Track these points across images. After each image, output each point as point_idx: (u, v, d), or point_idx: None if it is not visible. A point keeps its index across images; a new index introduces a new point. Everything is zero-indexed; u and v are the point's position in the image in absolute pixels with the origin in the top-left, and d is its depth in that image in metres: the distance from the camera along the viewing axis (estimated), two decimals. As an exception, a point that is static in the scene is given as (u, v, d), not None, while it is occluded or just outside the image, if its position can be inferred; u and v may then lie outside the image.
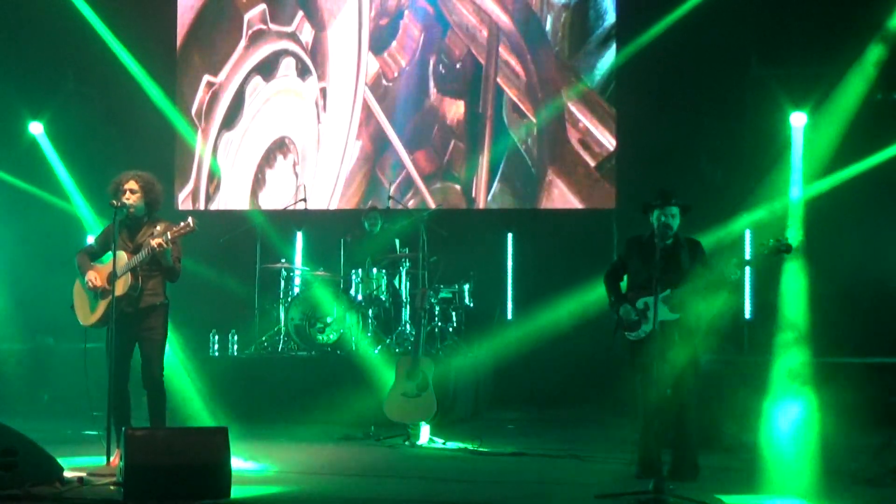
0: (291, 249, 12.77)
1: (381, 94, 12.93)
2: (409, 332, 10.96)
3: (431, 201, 12.60)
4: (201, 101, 13.28)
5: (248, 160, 13.18)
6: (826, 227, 11.15)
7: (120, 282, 7.63)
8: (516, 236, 12.80)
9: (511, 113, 12.67)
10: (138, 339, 7.83)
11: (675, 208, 7.54)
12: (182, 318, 8.28)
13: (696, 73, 11.89)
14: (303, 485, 7.44)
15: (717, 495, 7.02)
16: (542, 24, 12.63)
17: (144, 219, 7.87)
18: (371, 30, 12.90)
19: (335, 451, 9.01)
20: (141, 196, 7.82)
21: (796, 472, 7.94)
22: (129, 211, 7.77)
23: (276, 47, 13.13)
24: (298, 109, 13.08)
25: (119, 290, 7.63)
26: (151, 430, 7.23)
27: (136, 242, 7.78)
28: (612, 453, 8.61)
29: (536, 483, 7.63)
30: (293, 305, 11.07)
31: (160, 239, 7.53)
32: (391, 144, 12.91)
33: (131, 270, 7.66)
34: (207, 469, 6.60)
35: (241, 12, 13.22)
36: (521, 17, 12.67)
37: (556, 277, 12.09)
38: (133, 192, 7.79)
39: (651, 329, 7.42)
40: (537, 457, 8.67)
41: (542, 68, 12.62)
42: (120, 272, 7.62)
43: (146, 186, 7.87)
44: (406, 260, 11.31)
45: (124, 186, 7.80)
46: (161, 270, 7.78)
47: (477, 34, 12.71)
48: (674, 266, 7.51)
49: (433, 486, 7.49)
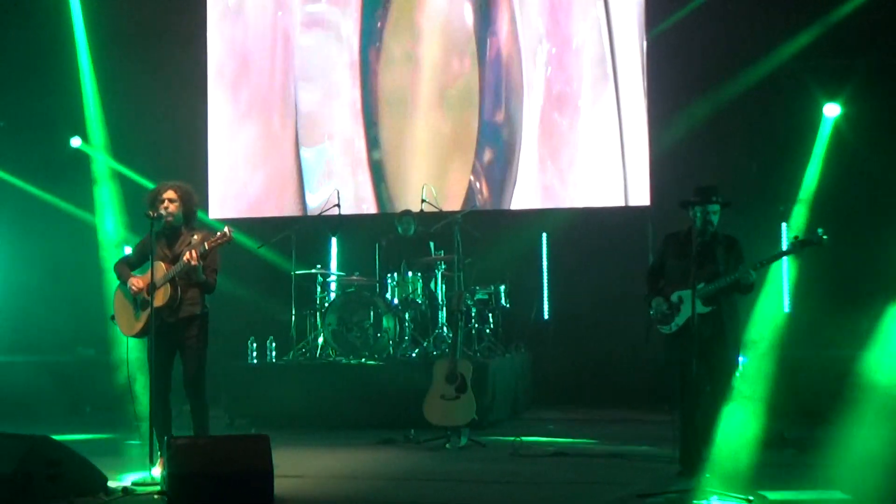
0: (327, 255, 12.80)
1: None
2: (447, 334, 10.93)
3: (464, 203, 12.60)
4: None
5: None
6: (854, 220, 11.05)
7: (160, 292, 7.66)
8: (551, 236, 12.77)
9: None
10: (179, 348, 7.86)
11: (716, 205, 7.53)
12: (220, 326, 8.30)
13: (729, 67, 11.79)
14: (344, 490, 7.47)
15: (761, 491, 6.98)
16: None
17: (182, 228, 7.90)
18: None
19: (375, 455, 9.00)
20: (179, 205, 7.84)
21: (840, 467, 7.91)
22: (167, 221, 7.79)
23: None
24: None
25: (159, 300, 7.66)
26: (194, 439, 7.24)
27: (175, 252, 7.81)
28: (653, 451, 8.60)
29: (578, 483, 7.60)
30: (329, 311, 11.09)
31: (189, 255, 7.55)
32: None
33: (170, 281, 7.69)
34: (250, 476, 6.61)
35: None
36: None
37: (592, 276, 12.11)
38: (172, 202, 7.81)
39: (684, 322, 7.41)
40: (578, 457, 8.65)
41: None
42: (159, 283, 7.65)
43: (184, 196, 7.91)
44: (441, 262, 11.30)
45: (162, 196, 7.82)
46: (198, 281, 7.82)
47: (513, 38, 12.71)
48: (709, 261, 7.52)
49: (474, 488, 7.49)
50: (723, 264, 7.54)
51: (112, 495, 6.95)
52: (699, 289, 7.38)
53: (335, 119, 13.12)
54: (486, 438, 9.33)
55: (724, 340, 7.56)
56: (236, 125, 13.34)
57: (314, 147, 13.16)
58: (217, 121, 13.36)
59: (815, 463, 8.09)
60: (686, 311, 7.40)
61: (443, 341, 10.93)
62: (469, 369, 9.43)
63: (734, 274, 7.45)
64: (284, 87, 13.23)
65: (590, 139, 12.44)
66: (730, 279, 7.46)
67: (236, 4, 13.38)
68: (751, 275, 7.44)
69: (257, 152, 13.31)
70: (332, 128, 13.12)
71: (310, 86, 13.20)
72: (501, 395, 10.74)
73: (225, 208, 13.25)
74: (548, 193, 12.60)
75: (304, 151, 13.17)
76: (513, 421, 10.84)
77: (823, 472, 7.74)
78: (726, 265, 7.54)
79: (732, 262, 7.56)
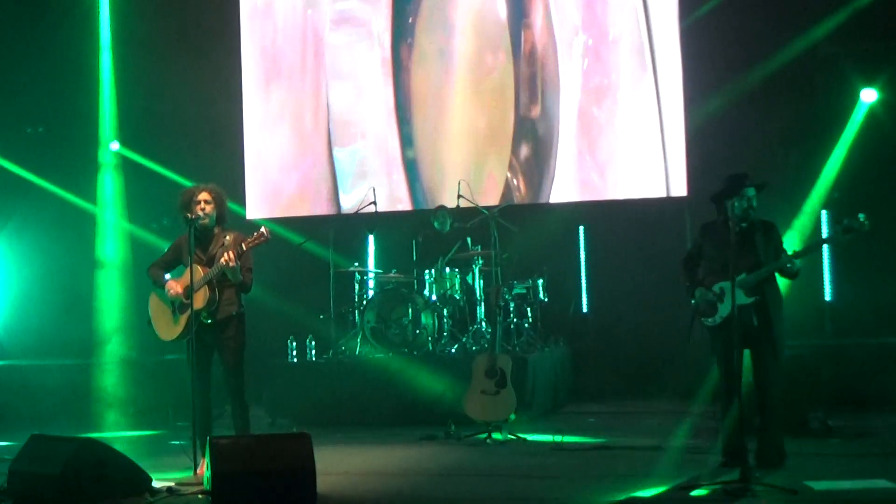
0: (364, 253, 12.81)
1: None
2: (485, 329, 10.92)
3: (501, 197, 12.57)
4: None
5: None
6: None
7: (199, 295, 7.71)
8: (588, 229, 12.68)
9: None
10: (217, 349, 7.90)
11: (751, 189, 7.47)
12: (260, 326, 8.32)
13: (764, 53, 11.60)
14: (386, 486, 7.47)
15: (806, 482, 6.92)
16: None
17: (215, 230, 7.94)
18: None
19: (417, 451, 9.00)
20: (214, 207, 7.90)
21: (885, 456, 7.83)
22: (202, 223, 7.84)
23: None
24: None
25: (199, 303, 7.71)
26: (236, 439, 7.26)
27: (209, 254, 7.85)
28: (696, 443, 8.55)
29: (620, 476, 7.53)
30: (368, 308, 11.10)
31: (226, 256, 7.59)
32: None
33: (208, 283, 7.74)
34: (293, 475, 6.62)
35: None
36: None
37: (630, 269, 12.00)
38: (207, 203, 7.87)
39: (728, 314, 7.34)
40: (620, 450, 8.59)
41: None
42: (197, 286, 7.69)
43: (218, 198, 7.97)
44: (478, 257, 11.27)
45: (198, 198, 7.87)
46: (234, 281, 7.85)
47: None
48: (749, 249, 7.46)
49: (516, 482, 7.48)
50: (762, 252, 7.48)
51: (157, 496, 7.00)
52: (741, 280, 7.33)
53: (368, 118, 13.05)
54: (528, 433, 9.30)
55: (771, 330, 7.50)
56: (270, 126, 13.32)
57: (347, 147, 13.12)
58: (252, 121, 13.35)
59: (861, 452, 8.03)
60: (729, 303, 7.31)
61: (482, 336, 10.90)
62: (509, 364, 9.43)
63: (775, 264, 7.40)
64: (316, 86, 13.20)
65: (629, 131, 12.27)
66: (771, 268, 7.41)
67: (265, 3, 13.35)
68: (794, 264, 7.39)
69: (291, 153, 13.29)
70: (365, 127, 13.07)
71: (341, 85, 13.14)
72: (541, 390, 10.71)
73: (262, 209, 13.28)
74: (586, 187, 12.46)
75: (337, 152, 13.14)
76: (553, 415, 10.80)
77: (869, 462, 7.69)
78: (766, 253, 7.48)
79: (772, 248, 7.52)
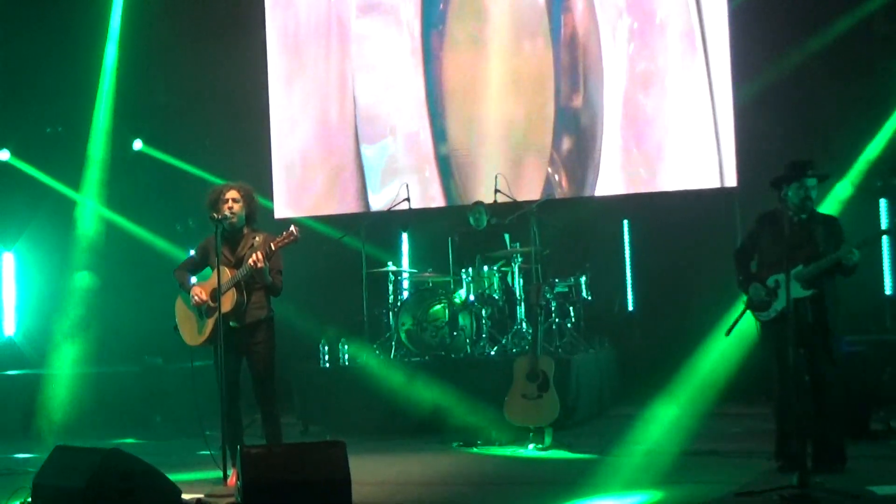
0: (398, 252, 12.59)
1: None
2: (526, 330, 10.72)
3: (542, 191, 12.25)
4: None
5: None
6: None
7: (226, 298, 7.53)
8: (632, 223, 12.44)
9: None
10: (246, 354, 7.75)
11: (812, 179, 7.26)
12: (290, 329, 8.14)
13: (817, 36, 11.24)
14: (423, 496, 7.40)
15: (869, 486, 6.74)
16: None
17: (244, 230, 7.77)
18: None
19: (455, 459, 8.89)
20: (242, 206, 7.73)
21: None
22: (231, 222, 7.65)
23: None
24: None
25: (226, 306, 7.53)
26: (267, 448, 7.18)
27: (238, 256, 7.70)
28: (752, 446, 8.34)
29: (670, 483, 7.32)
30: (403, 310, 10.91)
31: (255, 257, 7.43)
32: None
33: (235, 285, 7.57)
34: (327, 484, 6.49)
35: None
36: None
37: (677, 264, 11.75)
38: (236, 202, 7.70)
39: (783, 308, 7.13)
40: (672, 454, 8.38)
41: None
42: (224, 288, 7.52)
43: (247, 196, 7.80)
44: (518, 255, 11.02)
45: (226, 196, 7.71)
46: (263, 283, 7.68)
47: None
48: (807, 241, 7.27)
49: (560, 490, 7.26)
50: (822, 245, 7.26)
51: (186, 508, 6.90)
52: (798, 272, 7.13)
53: (397, 111, 12.74)
54: (572, 438, 9.15)
55: (826, 327, 7.31)
56: (295, 121, 13.08)
57: (375, 144, 12.84)
58: (277, 117, 13.14)
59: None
60: (784, 296, 7.06)
61: (522, 338, 10.70)
62: (551, 366, 9.28)
63: (835, 254, 7.16)
64: (342, 78, 12.90)
65: (679, 119, 11.87)
66: (831, 260, 7.17)
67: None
68: (854, 254, 7.15)
69: (316, 149, 13.04)
70: (395, 121, 12.77)
71: (368, 76, 12.81)
72: (586, 392, 10.53)
73: (289, 208, 13.07)
74: (632, 180, 12.10)
75: (364, 149, 12.85)
76: (598, 419, 10.65)
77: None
78: (826, 246, 7.26)
79: (833, 242, 7.29)
